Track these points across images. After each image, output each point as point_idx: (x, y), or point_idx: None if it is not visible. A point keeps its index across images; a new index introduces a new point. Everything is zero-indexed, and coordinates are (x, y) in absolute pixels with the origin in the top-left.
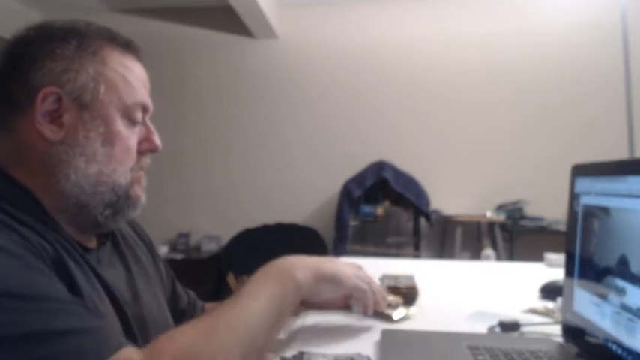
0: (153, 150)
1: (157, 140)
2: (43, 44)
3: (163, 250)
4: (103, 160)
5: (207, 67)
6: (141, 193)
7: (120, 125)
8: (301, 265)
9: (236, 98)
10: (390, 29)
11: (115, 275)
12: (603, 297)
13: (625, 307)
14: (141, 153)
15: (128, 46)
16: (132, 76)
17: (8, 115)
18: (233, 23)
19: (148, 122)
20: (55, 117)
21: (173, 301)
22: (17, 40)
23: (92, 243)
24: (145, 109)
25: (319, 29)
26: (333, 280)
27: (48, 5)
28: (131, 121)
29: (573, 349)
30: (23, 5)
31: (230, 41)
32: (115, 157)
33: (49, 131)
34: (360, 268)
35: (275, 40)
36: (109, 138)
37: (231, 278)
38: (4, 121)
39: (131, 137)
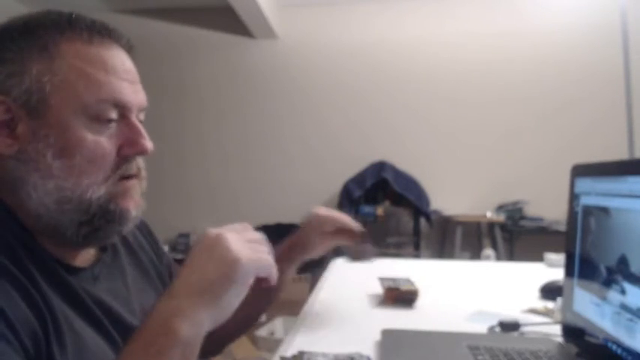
0: (138, 153)
1: (144, 141)
2: None
3: None
4: (61, 174)
5: (207, 67)
6: (129, 204)
7: (80, 130)
8: (185, 306)
9: (236, 98)
10: (390, 29)
11: (111, 290)
12: (603, 297)
13: (625, 307)
14: (123, 158)
15: (92, 32)
16: (96, 70)
17: None
18: (233, 23)
19: (134, 120)
20: (12, 128)
21: None
22: None
23: (87, 257)
24: (121, 106)
25: (319, 29)
26: (232, 286)
27: (48, 5)
28: (100, 123)
29: (573, 349)
30: (23, 5)
31: (230, 41)
32: (78, 169)
33: (2, 145)
34: (246, 229)
35: (275, 40)
36: (66, 147)
37: None
38: None
39: (101, 142)
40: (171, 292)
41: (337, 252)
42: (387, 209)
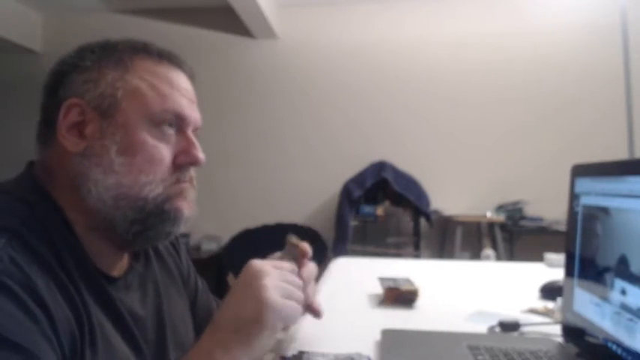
0: (192, 163)
1: (198, 153)
2: (71, 59)
3: None
4: (121, 170)
5: (207, 67)
6: (183, 205)
7: (144, 134)
8: (224, 339)
9: (236, 98)
10: (390, 29)
11: (142, 298)
12: (603, 297)
13: (625, 307)
14: (178, 166)
15: (162, 56)
16: (163, 84)
17: (45, 131)
18: (233, 23)
19: (190, 134)
20: (81, 130)
21: (193, 313)
22: (56, 60)
23: (121, 267)
24: (180, 119)
25: (319, 29)
26: (262, 330)
27: (48, 5)
28: (161, 131)
29: (573, 349)
30: (23, 5)
31: (230, 41)
32: (137, 167)
33: (71, 143)
34: (289, 267)
35: (275, 40)
36: (129, 146)
37: (231, 278)
38: (43, 138)
39: (160, 147)
40: (214, 323)
41: None
42: (387, 209)
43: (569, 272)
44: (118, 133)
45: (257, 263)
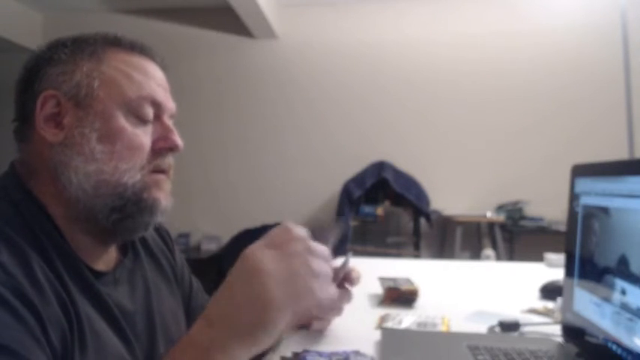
0: (171, 148)
1: (176, 138)
2: (44, 53)
3: None
4: (102, 158)
5: (207, 67)
6: (160, 195)
7: (122, 121)
8: (223, 339)
9: (236, 98)
10: (390, 29)
11: (131, 293)
12: (603, 297)
13: (625, 307)
14: (157, 152)
15: (134, 47)
16: (137, 73)
17: (22, 126)
18: (233, 23)
19: (167, 121)
20: (58, 121)
21: (187, 312)
22: (29, 56)
23: (109, 261)
24: (157, 106)
25: (319, 29)
26: (267, 329)
27: (48, 5)
28: (139, 119)
29: (573, 349)
30: (23, 5)
31: (230, 41)
32: (117, 154)
33: (50, 134)
34: (293, 239)
35: (275, 40)
36: (109, 134)
37: None
38: (21, 133)
39: (139, 135)
40: (208, 319)
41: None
42: (387, 209)
43: (569, 272)
44: (97, 121)
45: (252, 251)
